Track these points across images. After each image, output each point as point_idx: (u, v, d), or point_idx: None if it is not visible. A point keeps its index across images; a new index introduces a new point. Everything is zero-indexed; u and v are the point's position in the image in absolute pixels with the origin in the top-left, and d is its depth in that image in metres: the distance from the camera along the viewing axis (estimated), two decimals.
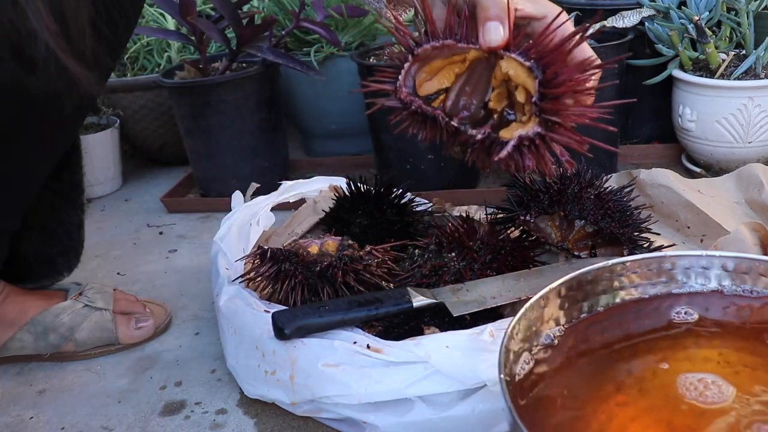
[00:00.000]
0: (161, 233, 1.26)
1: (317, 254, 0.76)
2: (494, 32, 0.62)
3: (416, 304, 0.70)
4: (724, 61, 1.19)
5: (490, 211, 0.85)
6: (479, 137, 0.64)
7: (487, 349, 0.64)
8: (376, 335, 0.69)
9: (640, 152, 1.38)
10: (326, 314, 0.69)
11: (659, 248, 0.78)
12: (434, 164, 1.24)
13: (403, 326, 0.74)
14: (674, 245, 0.84)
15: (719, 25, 1.24)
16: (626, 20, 1.26)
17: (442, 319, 0.73)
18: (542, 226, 0.81)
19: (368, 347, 0.66)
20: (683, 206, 0.95)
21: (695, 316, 0.56)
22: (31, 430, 0.77)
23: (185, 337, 0.92)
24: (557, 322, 0.56)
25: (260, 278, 0.78)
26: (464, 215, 0.84)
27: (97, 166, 1.43)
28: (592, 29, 1.22)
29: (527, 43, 0.63)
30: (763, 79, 1.16)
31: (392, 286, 0.77)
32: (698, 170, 1.25)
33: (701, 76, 1.20)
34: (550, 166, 0.64)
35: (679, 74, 1.22)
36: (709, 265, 0.59)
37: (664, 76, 1.26)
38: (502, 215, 0.83)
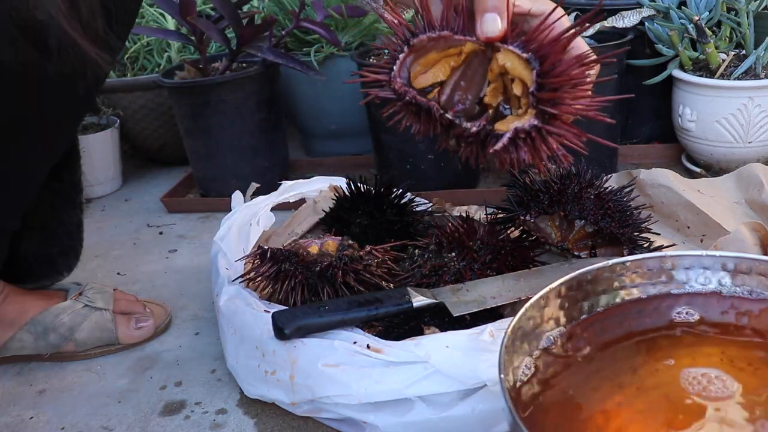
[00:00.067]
0: (161, 233, 1.26)
1: (317, 254, 0.76)
2: (492, 23, 0.61)
3: (416, 304, 0.70)
4: (724, 61, 1.19)
5: (490, 211, 0.85)
6: (474, 130, 0.63)
7: (487, 349, 0.64)
8: (376, 335, 0.69)
9: (640, 152, 1.38)
10: (326, 314, 0.69)
11: (659, 248, 0.78)
12: (434, 164, 1.24)
13: (403, 326, 0.74)
14: (674, 245, 0.84)
15: (719, 25, 1.24)
16: (626, 20, 1.26)
17: (442, 319, 0.73)
18: (542, 226, 0.81)
19: (368, 347, 0.66)
20: (683, 206, 0.95)
21: (696, 316, 0.56)
22: (31, 430, 0.77)
23: (185, 337, 0.92)
24: (557, 322, 0.56)
25: (260, 278, 0.78)
26: (464, 215, 0.84)
27: (97, 166, 1.43)
28: (592, 30, 1.23)
29: (524, 36, 0.62)
30: (763, 79, 1.16)
31: (392, 286, 0.77)
32: (698, 170, 1.25)
33: (701, 76, 1.20)
34: (546, 160, 0.63)
35: (679, 74, 1.22)
36: (709, 265, 0.59)
37: (664, 76, 1.26)
38: (502, 215, 0.83)
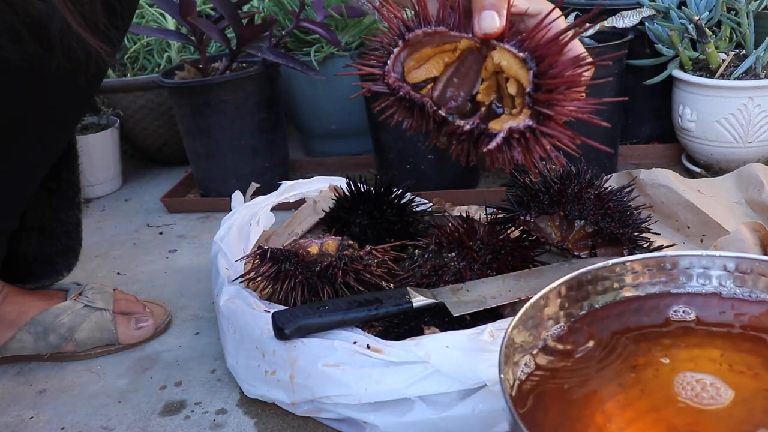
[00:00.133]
0: (161, 233, 1.26)
1: (317, 254, 0.76)
2: (489, 20, 0.61)
3: (416, 304, 0.70)
4: (724, 61, 1.19)
5: (490, 211, 0.85)
6: (467, 128, 0.62)
7: (487, 349, 0.64)
8: (376, 335, 0.69)
9: (640, 152, 1.38)
10: (326, 314, 0.69)
11: (659, 248, 0.78)
12: (434, 164, 1.24)
13: (403, 326, 0.74)
14: (674, 245, 0.84)
15: (719, 25, 1.24)
16: (626, 20, 1.26)
17: (442, 319, 0.72)
18: (542, 226, 0.81)
19: (368, 347, 0.66)
20: (683, 206, 0.95)
21: (692, 315, 0.56)
22: (31, 430, 0.77)
23: (185, 337, 0.92)
24: (557, 321, 0.56)
25: (260, 278, 0.78)
26: (464, 215, 0.84)
27: (97, 166, 1.43)
28: (592, 30, 1.22)
29: (520, 35, 0.62)
30: (763, 79, 1.16)
31: (392, 286, 0.77)
32: (698, 170, 1.25)
33: (701, 76, 1.20)
34: (538, 161, 0.62)
35: (679, 74, 1.22)
36: (709, 265, 0.59)
37: (664, 76, 1.26)
38: (502, 215, 0.82)
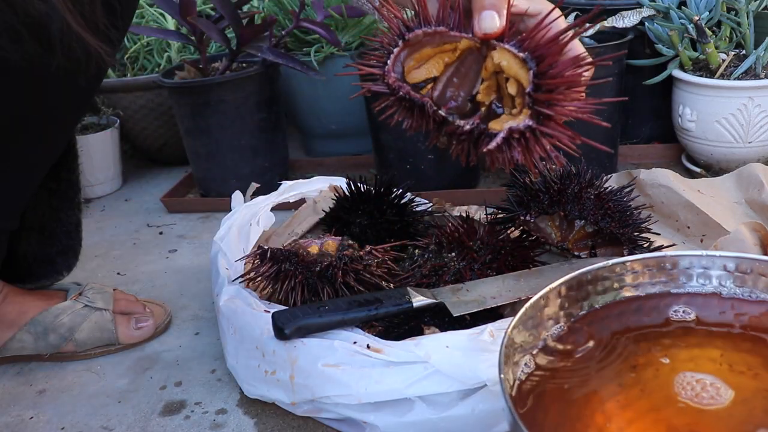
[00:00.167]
0: (161, 233, 1.26)
1: (317, 254, 0.76)
2: (490, 20, 0.61)
3: (416, 304, 0.70)
4: (724, 61, 1.19)
5: (490, 211, 0.85)
6: (467, 128, 0.62)
7: (487, 349, 0.64)
8: (376, 335, 0.69)
9: (640, 152, 1.38)
10: (326, 314, 0.69)
11: (659, 248, 0.78)
12: (434, 164, 1.24)
13: (403, 326, 0.74)
14: (674, 245, 0.84)
15: (719, 25, 1.24)
16: (626, 20, 1.26)
17: (442, 319, 0.72)
18: (542, 226, 0.81)
19: (368, 347, 0.66)
20: (683, 206, 0.95)
21: (692, 315, 0.56)
22: (31, 430, 0.77)
23: (185, 337, 0.92)
24: (557, 321, 0.56)
25: (260, 278, 0.78)
26: (464, 215, 0.84)
27: (97, 166, 1.43)
28: (592, 30, 1.22)
29: (520, 35, 0.62)
30: (763, 79, 1.16)
31: (392, 286, 0.77)
32: (698, 170, 1.25)
33: (701, 76, 1.20)
34: (538, 161, 0.62)
35: (679, 74, 1.22)
36: (709, 265, 0.59)
37: (664, 76, 1.26)
38: (502, 215, 0.82)
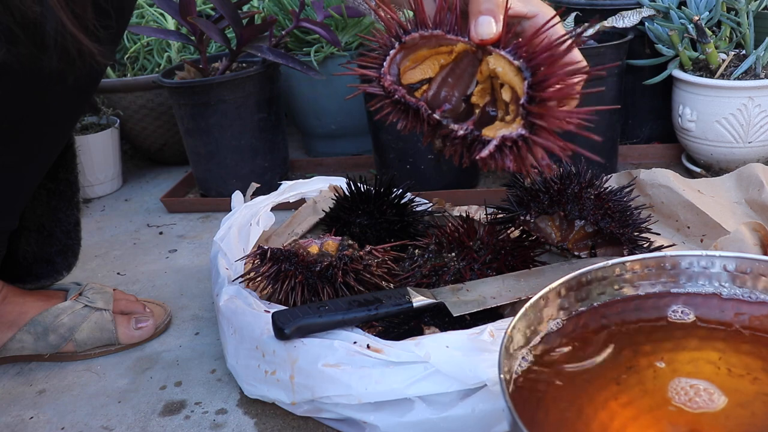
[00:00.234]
0: (161, 233, 1.26)
1: (317, 254, 0.76)
2: (486, 26, 0.61)
3: (416, 304, 0.70)
4: (724, 61, 1.19)
5: (490, 211, 0.85)
6: (461, 133, 0.63)
7: (487, 349, 0.64)
8: (376, 335, 0.69)
9: (640, 152, 1.38)
10: (326, 314, 0.69)
11: (659, 248, 0.78)
12: (434, 164, 1.24)
13: (403, 326, 0.74)
14: (674, 245, 0.84)
15: (719, 25, 1.24)
16: (626, 20, 1.26)
17: (442, 319, 0.72)
18: (542, 226, 0.81)
19: (368, 347, 0.66)
20: (683, 206, 0.95)
21: (691, 316, 0.56)
22: (31, 430, 0.77)
23: (185, 337, 0.92)
24: (557, 321, 0.56)
25: (260, 278, 0.78)
26: (464, 215, 0.84)
27: (97, 166, 1.43)
28: (592, 30, 1.22)
29: (517, 40, 0.62)
30: (763, 79, 1.16)
31: (392, 286, 0.77)
32: (698, 170, 1.25)
33: (701, 76, 1.20)
34: (530, 169, 0.63)
35: (679, 74, 1.22)
36: (709, 265, 0.59)
37: (664, 76, 1.26)
38: (502, 215, 0.83)
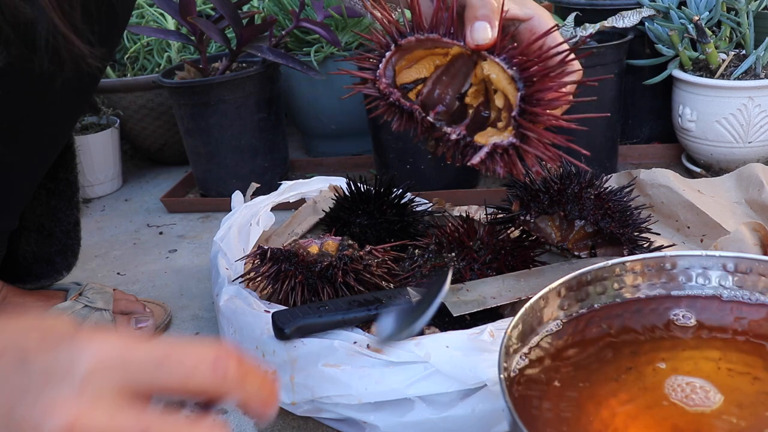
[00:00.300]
0: (161, 233, 1.26)
1: (317, 254, 0.76)
2: (482, 32, 0.62)
3: None
4: (724, 61, 1.19)
5: (490, 211, 0.85)
6: (454, 137, 0.64)
7: (487, 349, 0.64)
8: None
9: (640, 152, 1.38)
10: (326, 314, 0.69)
11: (659, 248, 0.78)
12: (434, 164, 1.24)
13: None
14: (674, 245, 0.84)
15: (719, 25, 1.24)
16: (626, 20, 1.26)
17: (442, 319, 0.72)
18: (542, 226, 0.81)
19: (368, 347, 0.66)
20: (683, 206, 0.95)
21: (693, 320, 0.56)
22: None
23: (185, 337, 0.91)
24: (557, 321, 0.56)
25: (260, 278, 0.78)
26: (464, 215, 0.84)
27: (97, 166, 1.43)
28: (592, 29, 1.22)
29: (511, 45, 0.63)
30: (763, 79, 1.16)
31: (392, 286, 0.77)
32: (698, 170, 1.25)
33: (701, 76, 1.20)
34: (521, 175, 0.64)
35: (679, 74, 1.22)
36: (709, 265, 0.59)
37: (664, 76, 1.26)
38: (502, 215, 0.83)
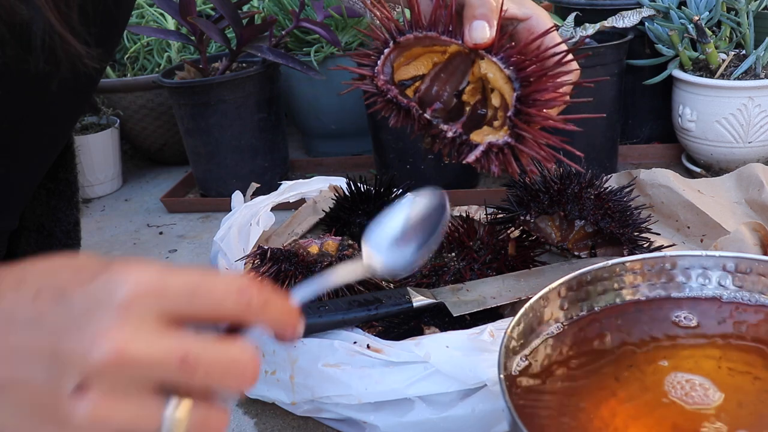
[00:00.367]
0: (161, 233, 1.26)
1: (317, 254, 0.76)
2: (480, 31, 0.62)
3: (416, 304, 0.70)
4: (724, 61, 1.19)
5: (490, 211, 0.85)
6: (450, 135, 0.64)
7: (487, 349, 0.64)
8: (376, 335, 0.69)
9: (640, 152, 1.38)
10: (326, 314, 0.69)
11: (659, 248, 0.78)
12: (434, 164, 1.24)
13: (403, 326, 0.74)
14: (674, 245, 0.84)
15: (719, 25, 1.24)
16: (626, 20, 1.26)
17: (442, 319, 0.72)
18: (542, 226, 0.81)
19: (368, 347, 0.66)
20: (683, 206, 0.95)
21: (694, 321, 0.56)
22: None
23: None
24: (557, 322, 0.56)
25: (260, 278, 0.78)
26: (464, 215, 0.84)
27: (97, 166, 1.43)
28: (592, 29, 1.22)
29: (509, 44, 0.63)
30: (763, 79, 1.15)
31: (392, 286, 0.77)
32: (698, 170, 1.25)
33: (701, 76, 1.20)
34: (515, 174, 0.65)
35: (679, 74, 1.22)
36: (709, 265, 0.59)
37: (664, 76, 1.26)
38: (502, 215, 0.83)
